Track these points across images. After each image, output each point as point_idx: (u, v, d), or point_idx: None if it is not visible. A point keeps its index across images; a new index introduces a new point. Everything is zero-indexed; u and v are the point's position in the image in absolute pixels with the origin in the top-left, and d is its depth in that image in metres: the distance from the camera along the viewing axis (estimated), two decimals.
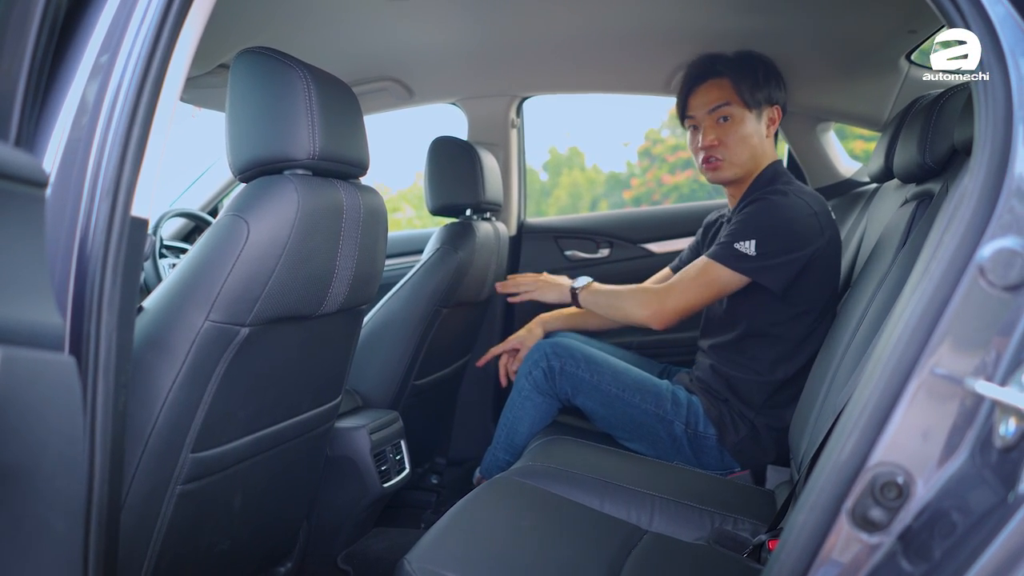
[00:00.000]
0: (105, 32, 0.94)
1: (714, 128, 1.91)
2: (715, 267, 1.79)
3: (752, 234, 1.76)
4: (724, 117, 1.90)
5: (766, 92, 1.90)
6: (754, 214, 1.79)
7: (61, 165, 0.92)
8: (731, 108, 1.89)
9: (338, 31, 2.07)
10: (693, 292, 1.80)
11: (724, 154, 1.91)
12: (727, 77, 1.90)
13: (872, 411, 0.78)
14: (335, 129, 1.27)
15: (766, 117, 1.92)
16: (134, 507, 1.13)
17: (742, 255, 1.76)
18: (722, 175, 1.93)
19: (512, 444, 1.95)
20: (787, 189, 1.82)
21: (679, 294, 1.81)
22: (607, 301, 1.91)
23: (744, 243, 1.76)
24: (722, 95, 1.90)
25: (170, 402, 1.14)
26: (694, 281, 1.81)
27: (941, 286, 0.76)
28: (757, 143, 1.91)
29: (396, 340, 1.99)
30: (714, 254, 1.80)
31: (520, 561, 1.24)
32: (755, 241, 1.75)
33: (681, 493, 1.57)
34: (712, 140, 1.91)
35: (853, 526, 0.78)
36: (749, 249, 1.75)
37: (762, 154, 1.93)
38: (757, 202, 1.81)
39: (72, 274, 0.91)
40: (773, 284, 1.76)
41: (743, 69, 1.90)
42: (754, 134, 1.90)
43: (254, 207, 1.18)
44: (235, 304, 1.16)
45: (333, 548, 1.79)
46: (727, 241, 1.79)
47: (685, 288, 1.81)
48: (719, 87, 1.91)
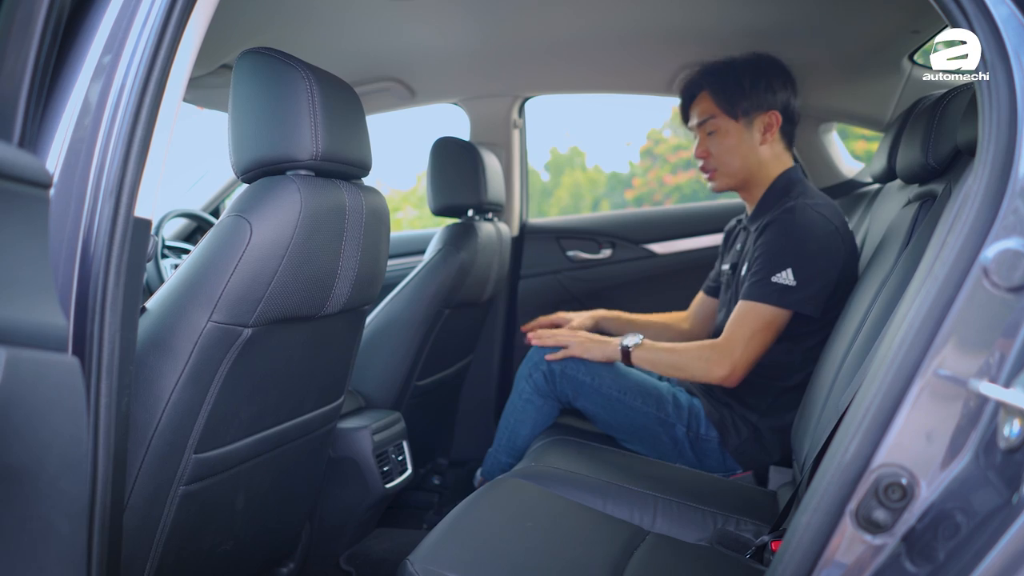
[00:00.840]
0: (109, 32, 0.94)
1: (704, 141, 1.94)
2: (762, 309, 1.74)
3: (788, 262, 1.72)
4: (711, 131, 1.92)
5: (753, 100, 1.89)
6: (781, 240, 1.75)
7: (64, 166, 0.92)
8: (716, 121, 1.91)
9: (340, 31, 2.08)
10: (756, 342, 1.75)
11: (715, 165, 1.94)
12: (707, 90, 1.93)
13: (876, 412, 0.78)
14: (338, 130, 1.27)
15: (759, 124, 1.90)
16: (137, 508, 1.13)
17: (784, 288, 1.72)
18: (718, 184, 1.97)
19: (513, 446, 1.95)
20: (804, 204, 1.79)
21: (743, 347, 1.74)
22: (667, 360, 1.82)
23: (782, 274, 1.72)
24: (706, 109, 1.93)
25: (173, 403, 1.14)
26: (750, 329, 1.75)
27: (945, 287, 0.76)
28: (749, 152, 1.91)
29: (399, 341, 1.99)
30: (756, 295, 1.75)
31: (523, 562, 1.24)
32: (791, 269, 1.72)
33: (683, 494, 1.57)
34: (702, 151, 1.95)
35: (857, 527, 0.78)
36: (788, 279, 1.72)
37: (761, 162, 1.92)
38: (778, 224, 1.77)
39: (75, 275, 0.92)
40: (815, 311, 1.73)
41: (724, 81, 1.91)
42: (743, 143, 1.90)
43: (257, 208, 1.18)
44: (238, 305, 1.16)
45: (335, 549, 1.79)
46: (763, 276, 1.74)
47: (747, 340, 1.74)
48: (703, 101, 1.94)
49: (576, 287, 2.69)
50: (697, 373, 1.78)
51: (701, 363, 1.78)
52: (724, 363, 1.75)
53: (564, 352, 1.86)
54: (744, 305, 1.77)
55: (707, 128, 1.93)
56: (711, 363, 1.76)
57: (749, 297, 1.76)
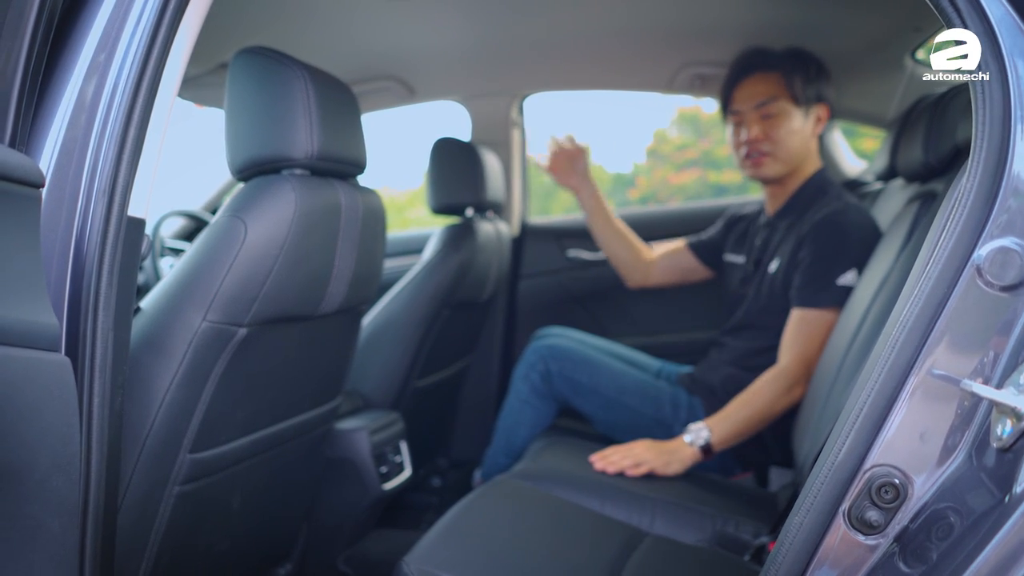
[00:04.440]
0: (102, 31, 0.94)
1: (759, 123, 1.86)
2: (829, 315, 1.68)
3: (850, 263, 1.68)
4: (770, 113, 1.85)
5: (816, 88, 1.85)
6: (841, 241, 1.71)
7: (56, 165, 0.92)
8: (779, 103, 1.84)
9: (339, 30, 2.07)
10: (817, 345, 1.69)
11: (770, 148, 1.86)
12: (778, 71, 1.85)
13: (869, 412, 0.77)
14: (334, 129, 1.27)
15: (814, 115, 1.87)
16: (132, 508, 1.13)
17: (849, 289, 1.67)
18: (765, 171, 1.88)
19: (511, 447, 1.94)
20: (852, 204, 1.76)
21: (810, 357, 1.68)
22: (746, 416, 1.68)
23: (846, 275, 1.68)
24: (770, 89, 1.85)
25: (168, 403, 1.14)
26: (820, 339, 1.68)
27: (938, 286, 0.76)
28: (803, 141, 1.86)
29: (397, 340, 1.98)
30: (825, 301, 1.69)
31: (520, 563, 1.24)
32: (856, 270, 1.68)
33: (682, 495, 1.57)
34: (757, 134, 1.86)
35: (850, 528, 0.78)
36: (853, 280, 1.67)
37: (807, 155, 1.89)
38: (832, 225, 1.73)
39: (68, 274, 0.91)
40: None
41: (795, 64, 1.85)
42: (801, 131, 1.86)
43: (251, 207, 1.18)
44: (233, 304, 1.16)
45: (333, 550, 1.79)
46: (827, 281, 1.69)
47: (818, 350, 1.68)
48: (768, 81, 1.86)
49: (576, 287, 2.69)
50: (785, 406, 1.70)
51: (784, 397, 1.69)
52: (803, 382, 1.69)
53: (644, 468, 1.64)
54: (811, 314, 1.70)
55: (766, 110, 1.85)
56: (793, 388, 1.69)
57: (818, 304, 1.70)
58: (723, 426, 1.67)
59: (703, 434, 1.66)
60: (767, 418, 1.69)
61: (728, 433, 1.67)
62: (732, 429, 1.67)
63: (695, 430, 1.67)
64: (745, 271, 1.99)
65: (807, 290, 1.72)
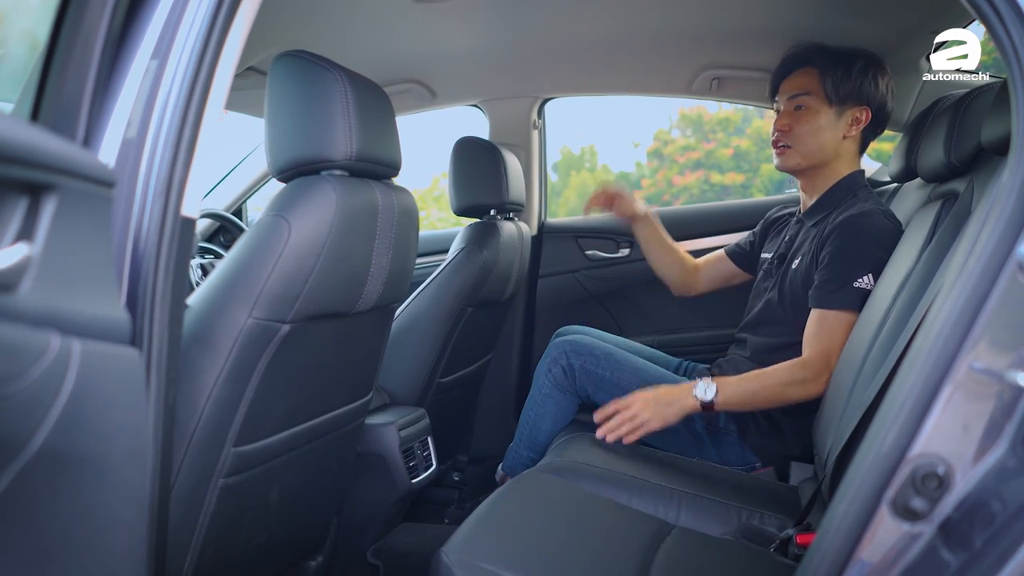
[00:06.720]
0: (157, 37, 0.97)
1: (789, 114, 1.90)
2: (846, 316, 1.70)
3: (868, 266, 1.70)
4: (800, 106, 1.88)
5: (855, 87, 1.85)
6: (861, 243, 1.73)
7: (117, 166, 0.94)
8: (809, 99, 1.87)
9: (363, 34, 2.10)
10: (838, 342, 1.70)
11: (792, 141, 1.89)
12: (815, 67, 1.88)
13: (913, 404, 0.79)
14: (371, 131, 1.30)
15: (849, 116, 1.87)
16: (180, 500, 1.16)
17: (868, 292, 1.69)
18: (787, 162, 1.92)
19: (535, 441, 1.97)
20: (877, 208, 1.78)
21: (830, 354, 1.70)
22: (758, 395, 1.73)
23: (863, 278, 1.70)
24: (803, 84, 1.89)
25: (215, 397, 1.17)
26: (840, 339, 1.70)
27: (980, 283, 0.78)
28: (829, 139, 1.88)
29: (423, 338, 2.01)
30: (841, 302, 1.71)
31: (554, 553, 1.27)
32: (872, 273, 1.69)
33: (707, 489, 1.59)
34: (784, 124, 1.90)
35: (894, 516, 0.80)
36: (869, 284, 1.69)
37: (837, 154, 1.90)
38: (853, 227, 1.75)
39: (126, 272, 0.94)
40: None
41: (832, 62, 1.87)
42: (828, 129, 1.87)
43: (295, 207, 1.20)
44: (277, 301, 1.19)
45: (362, 542, 1.81)
46: (844, 282, 1.71)
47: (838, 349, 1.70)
48: (804, 76, 1.89)
49: (594, 286, 2.71)
50: (795, 396, 1.72)
51: (797, 387, 1.72)
52: (822, 379, 1.71)
53: (644, 429, 1.74)
54: (828, 314, 1.73)
55: (797, 102, 1.89)
56: (808, 383, 1.71)
57: (833, 305, 1.72)
58: (730, 389, 1.73)
59: (711, 389, 1.73)
60: (774, 399, 1.73)
61: (732, 397, 1.73)
62: (737, 396, 1.73)
63: (704, 384, 1.74)
64: (771, 266, 2.01)
65: (823, 290, 1.75)
